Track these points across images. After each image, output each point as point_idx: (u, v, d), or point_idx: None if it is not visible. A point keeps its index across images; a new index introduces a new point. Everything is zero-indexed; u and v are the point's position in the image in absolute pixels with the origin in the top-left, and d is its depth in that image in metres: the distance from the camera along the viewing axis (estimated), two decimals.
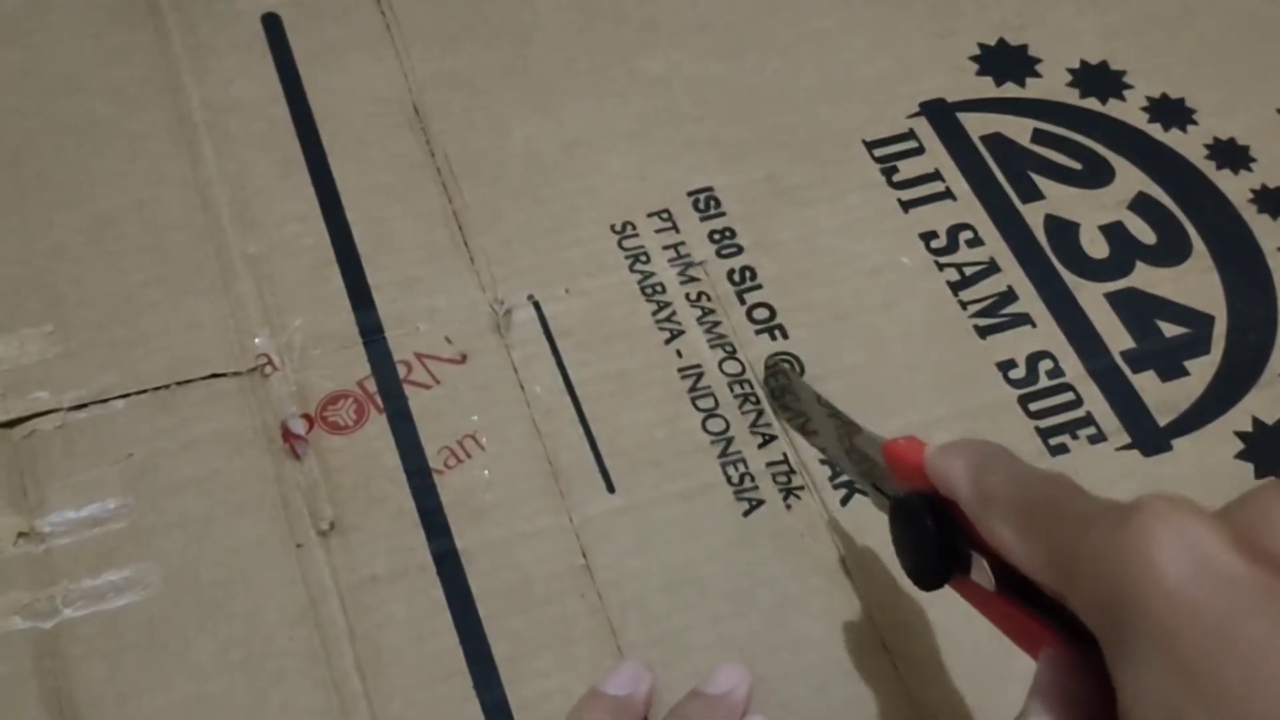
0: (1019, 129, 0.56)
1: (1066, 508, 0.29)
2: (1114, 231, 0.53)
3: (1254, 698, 0.23)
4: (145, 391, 0.47)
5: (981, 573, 0.33)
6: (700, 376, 0.48)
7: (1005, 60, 0.58)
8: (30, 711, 0.40)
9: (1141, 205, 0.54)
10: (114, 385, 0.47)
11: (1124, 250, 0.53)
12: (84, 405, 0.46)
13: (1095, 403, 0.48)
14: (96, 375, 0.47)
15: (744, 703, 0.41)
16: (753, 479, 0.46)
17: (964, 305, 0.51)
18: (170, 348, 0.48)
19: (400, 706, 0.41)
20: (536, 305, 0.49)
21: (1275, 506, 0.27)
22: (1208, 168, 0.55)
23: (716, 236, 0.52)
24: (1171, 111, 0.57)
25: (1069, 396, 0.49)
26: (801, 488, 0.46)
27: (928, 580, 0.35)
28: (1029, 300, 0.51)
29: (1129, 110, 0.57)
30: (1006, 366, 0.49)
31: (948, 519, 0.34)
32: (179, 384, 0.47)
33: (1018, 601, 0.32)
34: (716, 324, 0.49)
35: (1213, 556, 0.25)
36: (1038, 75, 0.57)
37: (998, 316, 0.50)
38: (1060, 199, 0.54)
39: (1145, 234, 0.53)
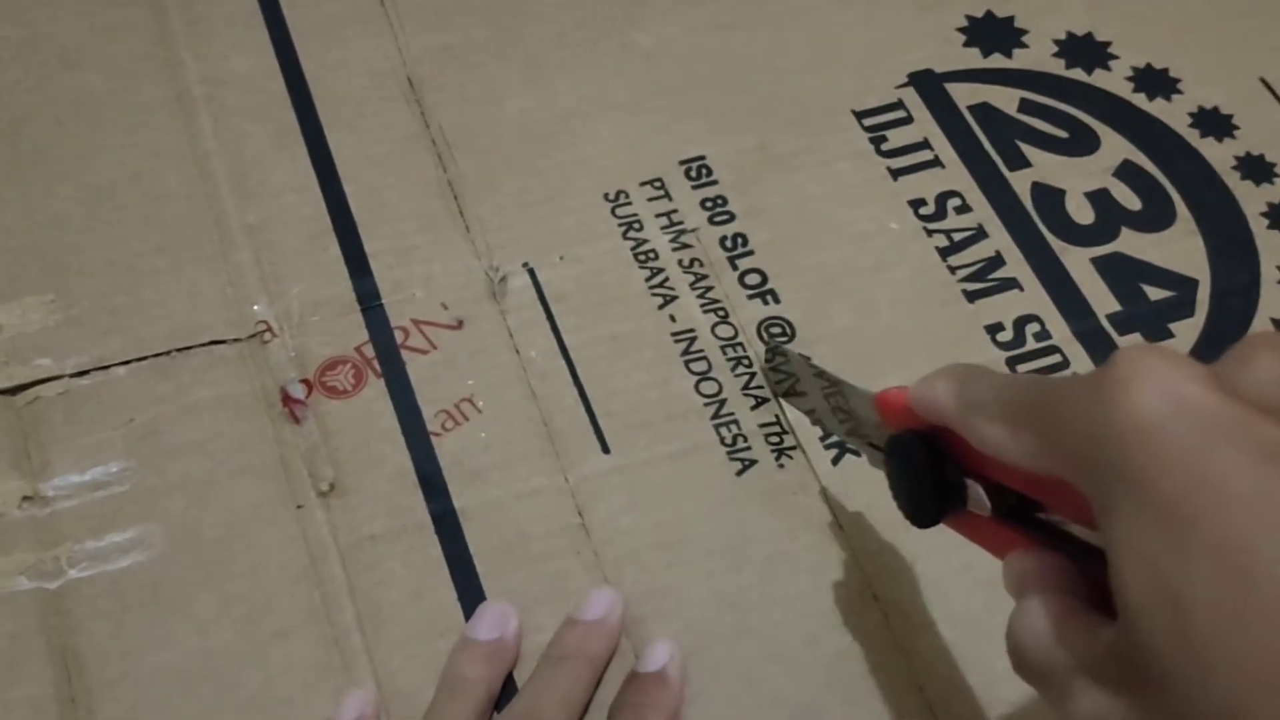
0: (1006, 99, 0.57)
1: (1048, 390, 0.29)
2: (1100, 198, 0.54)
3: (1220, 523, 0.24)
4: (146, 358, 0.47)
5: (977, 501, 0.33)
6: (693, 340, 0.49)
7: (992, 31, 0.59)
8: (37, 668, 0.41)
9: (1127, 172, 0.55)
10: (115, 352, 0.47)
11: (1110, 216, 0.53)
12: (86, 372, 0.47)
13: (1082, 364, 0.49)
14: (98, 342, 0.47)
15: (620, 625, 0.42)
16: (745, 440, 0.47)
17: (953, 270, 0.51)
18: (170, 315, 0.48)
19: (400, 661, 0.42)
20: (531, 272, 0.50)
21: (1251, 355, 0.27)
22: (1191, 136, 0.56)
23: (708, 204, 0.52)
24: (1156, 81, 0.58)
25: (1056, 358, 0.49)
26: (793, 448, 0.47)
27: (925, 514, 0.36)
28: (1016, 265, 0.52)
29: (1114, 80, 0.58)
30: (994, 329, 0.50)
31: (939, 453, 0.35)
32: (179, 350, 0.47)
33: (1014, 525, 0.33)
34: (709, 289, 0.50)
35: (1188, 394, 0.25)
36: (1024, 46, 0.58)
37: (986, 281, 0.51)
38: (1047, 167, 0.55)
39: (1130, 200, 0.54)
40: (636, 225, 0.52)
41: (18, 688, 0.41)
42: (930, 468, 0.34)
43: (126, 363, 0.47)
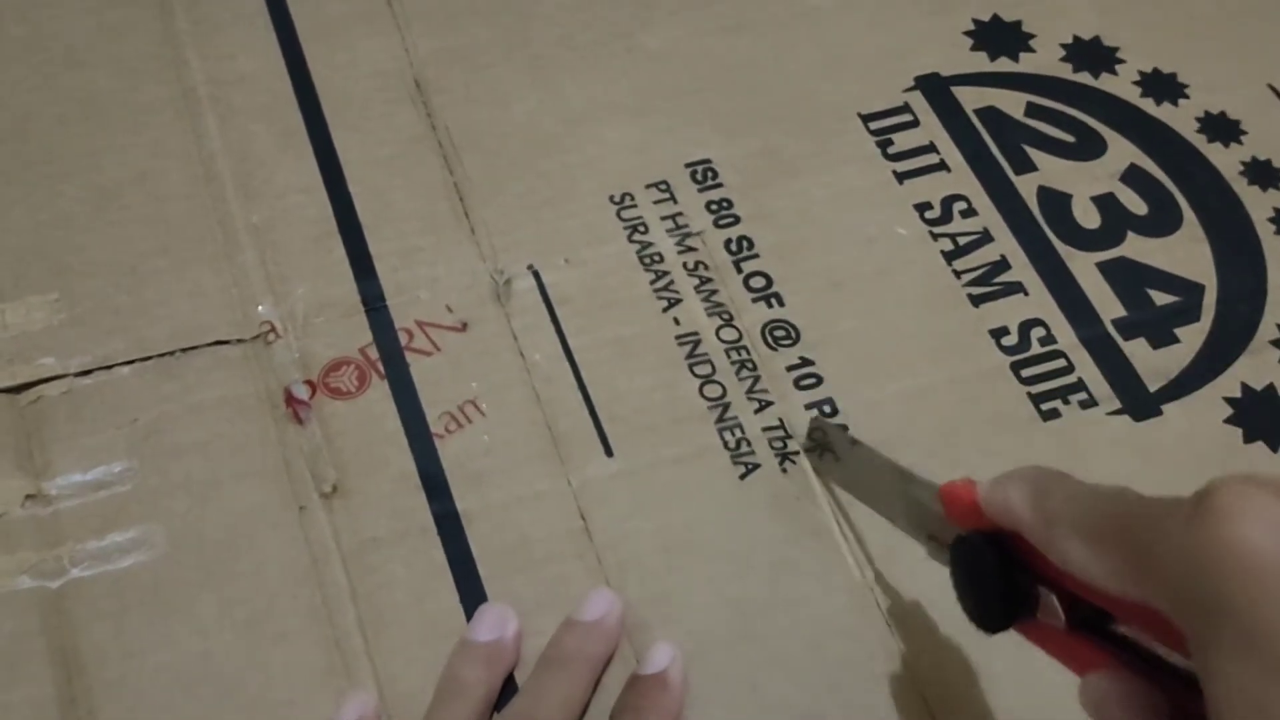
0: (1012, 103, 0.56)
1: (1136, 510, 0.27)
2: (1106, 202, 0.54)
3: None
4: (150, 358, 0.47)
5: (1050, 610, 0.32)
6: (698, 344, 0.49)
7: (999, 35, 0.59)
8: (37, 668, 0.41)
9: (1133, 177, 0.55)
10: (119, 352, 0.47)
11: (1116, 221, 0.53)
12: (89, 371, 0.47)
13: (1086, 369, 0.49)
14: (102, 342, 0.47)
15: (618, 627, 0.42)
16: (749, 443, 0.47)
17: (958, 274, 0.51)
18: (174, 315, 0.48)
19: (401, 664, 0.42)
20: (536, 275, 0.50)
21: None
22: (1199, 141, 0.56)
23: (714, 207, 0.52)
24: (1163, 86, 0.58)
25: (1061, 363, 0.49)
26: (797, 452, 0.47)
27: (992, 622, 0.34)
28: (1022, 269, 0.51)
29: (1121, 84, 0.58)
30: (999, 334, 0.50)
31: (1010, 556, 0.33)
32: (183, 350, 0.47)
33: (1090, 638, 0.31)
34: (714, 292, 0.50)
35: None
36: (1031, 50, 0.58)
37: (991, 285, 0.51)
38: (1053, 171, 0.54)
39: (1136, 205, 0.54)
40: (642, 228, 0.51)
41: (18, 688, 0.41)
42: (1000, 574, 0.33)
43: (130, 362, 0.47)
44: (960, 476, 0.36)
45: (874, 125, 0.55)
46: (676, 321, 0.49)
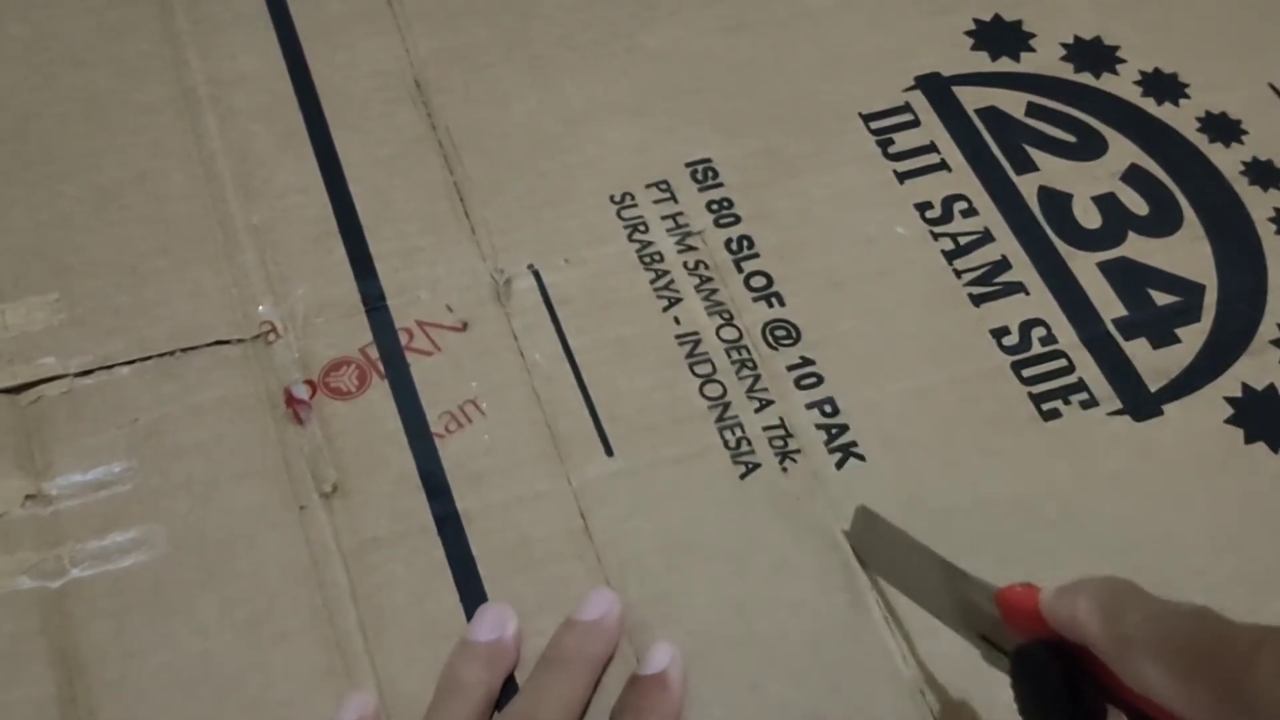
0: (1013, 102, 0.56)
1: (1223, 638, 0.26)
2: (1106, 202, 0.54)
3: None
4: (150, 358, 0.47)
5: None
6: (698, 343, 0.49)
7: (1000, 35, 0.58)
8: (37, 668, 0.41)
9: (1134, 177, 0.54)
10: (119, 352, 0.47)
11: (1116, 220, 0.53)
12: (90, 371, 0.47)
13: (1087, 369, 0.49)
14: (102, 342, 0.47)
15: (618, 626, 0.42)
16: (749, 443, 0.47)
17: (958, 274, 0.51)
18: (174, 315, 0.48)
19: (402, 664, 0.42)
20: (536, 274, 0.50)
21: None
22: (1200, 140, 0.56)
23: (714, 206, 0.52)
24: (1164, 86, 0.58)
25: (1061, 363, 0.49)
26: (798, 451, 0.46)
27: None
28: (1022, 269, 0.51)
29: (1122, 84, 0.57)
30: (1000, 334, 0.50)
31: (1076, 671, 0.31)
32: (183, 350, 0.47)
33: None
34: (714, 292, 0.50)
35: None
36: (1032, 50, 0.58)
37: (991, 285, 0.51)
38: (1053, 171, 0.54)
39: (1137, 205, 0.54)
40: (642, 227, 0.51)
41: (19, 688, 0.41)
42: (1067, 690, 0.31)
43: (130, 362, 0.47)
44: (1019, 583, 0.35)
45: (874, 125, 0.55)
46: (677, 321, 0.49)
